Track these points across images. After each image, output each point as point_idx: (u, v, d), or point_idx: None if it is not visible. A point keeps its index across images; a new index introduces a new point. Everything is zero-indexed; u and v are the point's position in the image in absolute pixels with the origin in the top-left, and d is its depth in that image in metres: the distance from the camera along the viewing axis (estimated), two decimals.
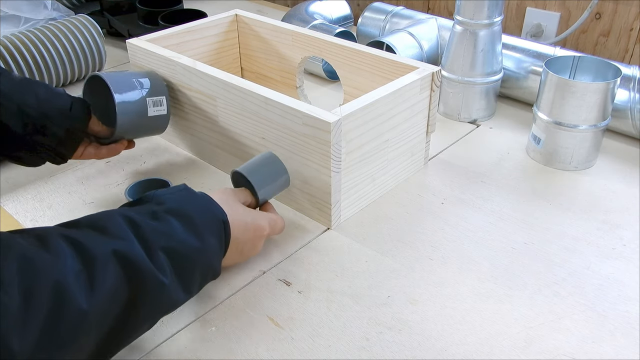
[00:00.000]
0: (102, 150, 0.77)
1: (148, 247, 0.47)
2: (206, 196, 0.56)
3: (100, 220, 0.47)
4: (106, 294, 0.42)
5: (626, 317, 0.58)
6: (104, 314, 0.43)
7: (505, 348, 0.55)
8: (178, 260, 0.49)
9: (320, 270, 0.65)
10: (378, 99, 0.68)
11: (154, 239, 0.47)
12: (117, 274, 0.44)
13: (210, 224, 0.53)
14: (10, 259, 0.38)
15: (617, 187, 0.79)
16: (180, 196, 0.54)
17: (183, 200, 0.53)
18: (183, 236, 0.50)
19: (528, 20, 1.15)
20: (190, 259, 0.50)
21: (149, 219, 0.49)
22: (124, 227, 0.47)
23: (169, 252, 0.48)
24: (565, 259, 0.66)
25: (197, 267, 0.51)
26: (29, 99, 0.67)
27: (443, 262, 0.66)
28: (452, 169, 0.83)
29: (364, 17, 1.17)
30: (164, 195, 0.53)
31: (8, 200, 0.78)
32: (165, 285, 0.47)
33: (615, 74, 0.79)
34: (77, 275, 0.41)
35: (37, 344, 0.38)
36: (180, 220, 0.51)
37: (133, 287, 0.45)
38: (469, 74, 0.91)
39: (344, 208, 0.72)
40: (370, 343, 0.56)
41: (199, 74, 0.76)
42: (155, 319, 0.50)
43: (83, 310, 0.40)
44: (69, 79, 1.08)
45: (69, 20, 1.09)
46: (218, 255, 0.54)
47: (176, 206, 0.52)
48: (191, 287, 0.51)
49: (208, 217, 0.53)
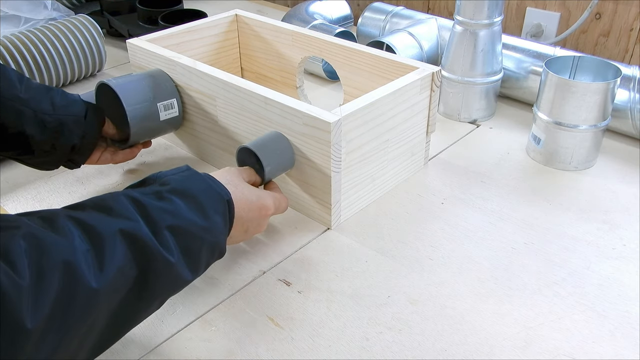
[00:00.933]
0: (119, 155, 0.79)
1: (154, 226, 0.47)
2: (209, 176, 0.56)
3: (105, 201, 0.47)
4: (115, 273, 0.42)
5: (626, 317, 0.58)
6: (113, 292, 0.43)
7: (505, 348, 0.55)
8: (184, 238, 0.49)
9: (320, 270, 0.65)
10: (378, 99, 0.68)
11: (160, 218, 0.48)
12: (124, 253, 0.44)
13: (214, 203, 0.53)
14: (19, 239, 0.38)
15: (617, 187, 0.79)
16: (183, 176, 0.54)
17: (186, 180, 0.53)
18: (188, 215, 0.50)
19: (528, 20, 1.15)
20: (196, 236, 0.50)
21: (153, 199, 0.49)
22: (130, 207, 0.47)
23: (174, 231, 0.48)
24: (565, 259, 0.66)
25: (203, 245, 0.51)
26: (45, 106, 0.68)
27: (443, 262, 0.66)
28: (452, 169, 0.83)
29: (364, 17, 1.17)
30: (168, 176, 0.54)
31: (8, 200, 0.78)
32: (172, 263, 0.47)
33: (615, 74, 0.79)
34: (86, 255, 0.41)
35: (49, 323, 0.38)
36: (185, 199, 0.51)
37: (141, 265, 0.45)
38: (469, 74, 0.91)
39: (344, 208, 0.72)
40: (370, 343, 0.56)
41: (199, 74, 0.76)
42: (164, 298, 0.50)
43: (93, 289, 0.40)
44: (69, 79, 1.08)
45: (69, 20, 1.09)
46: (223, 233, 0.54)
47: (180, 186, 0.52)
48: (198, 265, 0.52)
49: (212, 196, 0.53)
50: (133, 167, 0.85)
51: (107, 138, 0.78)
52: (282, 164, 0.67)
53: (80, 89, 1.07)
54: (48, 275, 0.38)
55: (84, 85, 1.09)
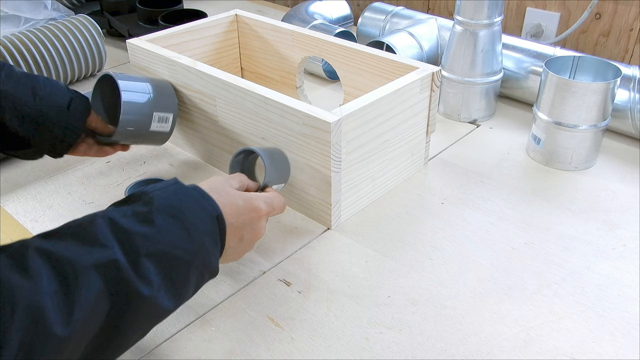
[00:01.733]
0: (93, 149, 0.76)
1: (132, 254, 0.44)
2: (197, 189, 0.53)
3: (82, 227, 0.44)
4: (86, 313, 0.40)
5: (626, 317, 0.58)
6: (83, 334, 0.40)
7: (505, 348, 0.55)
8: (167, 265, 0.46)
9: (320, 270, 0.65)
10: (378, 99, 0.68)
11: (140, 245, 0.45)
12: (98, 288, 0.41)
13: (201, 221, 0.50)
14: None
15: (617, 187, 0.79)
16: (169, 192, 0.51)
17: (172, 197, 0.50)
18: (172, 237, 0.47)
19: (528, 20, 1.15)
20: (181, 261, 0.47)
21: (135, 222, 0.46)
22: (107, 234, 0.44)
23: (156, 257, 0.45)
24: (565, 259, 0.66)
25: (190, 268, 0.48)
26: (26, 97, 0.66)
27: (443, 262, 0.66)
28: (452, 169, 0.83)
29: (364, 17, 1.17)
30: (153, 192, 0.50)
31: (8, 200, 0.78)
32: (149, 296, 0.44)
33: (615, 74, 0.79)
34: (53, 298, 0.38)
35: None
36: (170, 219, 0.48)
37: (115, 300, 0.42)
38: (469, 74, 0.91)
39: (344, 208, 0.72)
40: (370, 343, 0.56)
41: (199, 74, 0.76)
42: (145, 330, 0.47)
43: (60, 337, 0.38)
44: (69, 79, 1.08)
45: (69, 20, 1.09)
46: (213, 253, 0.51)
47: (165, 204, 0.49)
48: (183, 291, 0.49)
49: (199, 214, 0.50)
50: (133, 167, 0.85)
51: (89, 130, 0.74)
52: (280, 174, 0.66)
53: (80, 89, 1.06)
54: (11, 321, 0.36)
55: (84, 85, 1.09)
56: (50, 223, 0.73)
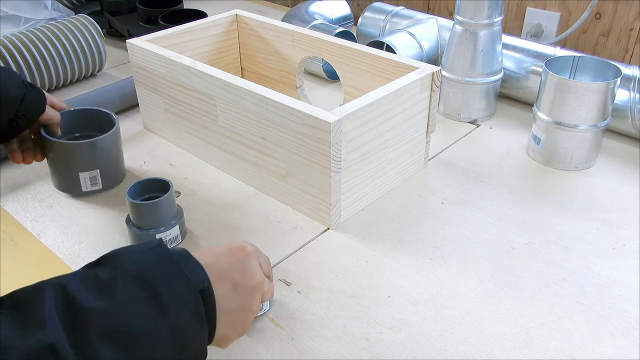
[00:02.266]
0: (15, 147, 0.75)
1: (79, 333, 0.37)
2: (184, 255, 0.45)
3: (26, 300, 0.38)
4: None
5: (626, 317, 0.58)
6: None
7: (505, 348, 0.55)
8: (126, 345, 0.38)
9: (320, 270, 0.65)
10: (378, 99, 0.68)
11: (92, 321, 0.38)
12: None
13: (181, 293, 0.42)
14: None
15: (617, 187, 0.79)
16: (146, 257, 0.43)
17: (148, 262, 0.43)
18: (136, 312, 0.39)
19: (528, 20, 1.15)
20: (146, 341, 0.39)
21: (92, 292, 0.39)
22: (51, 310, 0.38)
23: (112, 336, 0.38)
24: (565, 259, 0.66)
25: (159, 350, 0.40)
26: None
27: (443, 262, 0.66)
28: (452, 169, 0.83)
29: (364, 17, 1.17)
30: (126, 256, 0.43)
31: (8, 200, 0.78)
32: None
33: (615, 74, 0.79)
34: None
35: None
36: (139, 289, 0.40)
37: None
38: (469, 74, 0.91)
39: (344, 208, 0.72)
40: (370, 343, 0.56)
41: (199, 74, 0.76)
42: None
43: None
44: (69, 79, 1.08)
45: (69, 20, 1.09)
46: (197, 331, 0.42)
47: (136, 270, 0.41)
48: None
49: (176, 284, 0.42)
50: (133, 167, 0.85)
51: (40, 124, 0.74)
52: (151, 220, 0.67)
53: (80, 89, 1.07)
54: None
55: (84, 85, 1.09)
56: (50, 223, 0.73)
